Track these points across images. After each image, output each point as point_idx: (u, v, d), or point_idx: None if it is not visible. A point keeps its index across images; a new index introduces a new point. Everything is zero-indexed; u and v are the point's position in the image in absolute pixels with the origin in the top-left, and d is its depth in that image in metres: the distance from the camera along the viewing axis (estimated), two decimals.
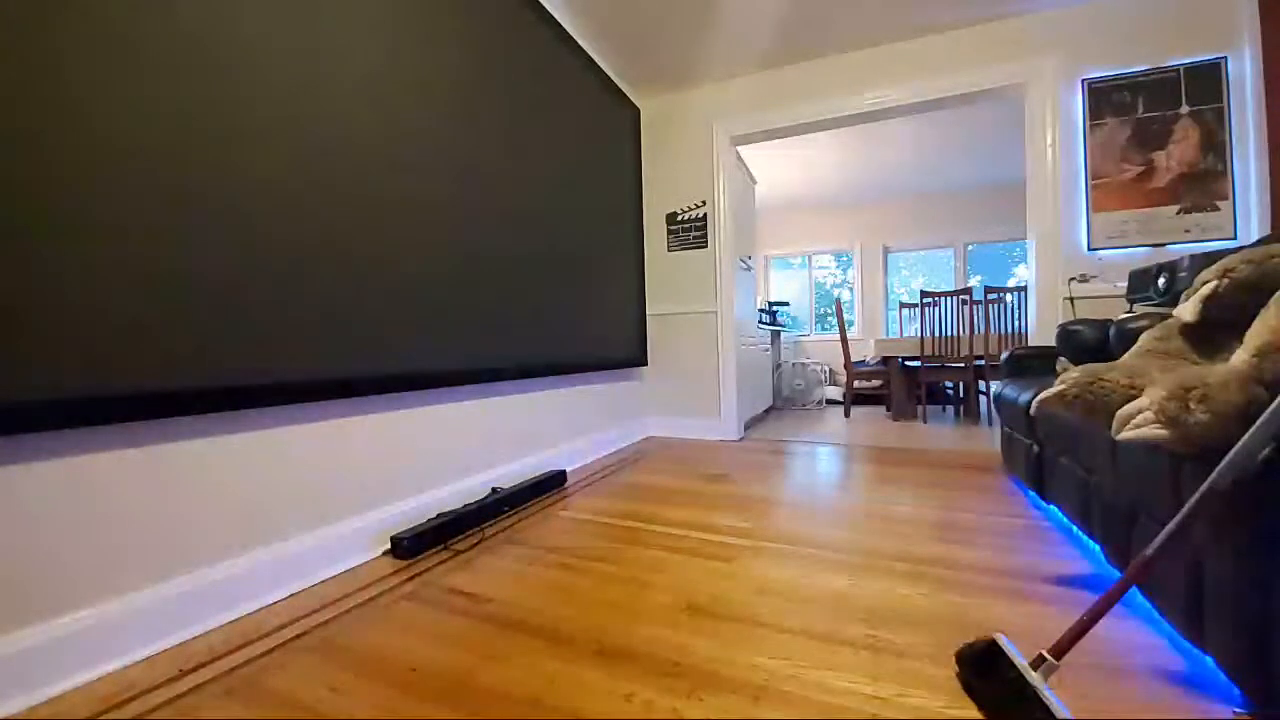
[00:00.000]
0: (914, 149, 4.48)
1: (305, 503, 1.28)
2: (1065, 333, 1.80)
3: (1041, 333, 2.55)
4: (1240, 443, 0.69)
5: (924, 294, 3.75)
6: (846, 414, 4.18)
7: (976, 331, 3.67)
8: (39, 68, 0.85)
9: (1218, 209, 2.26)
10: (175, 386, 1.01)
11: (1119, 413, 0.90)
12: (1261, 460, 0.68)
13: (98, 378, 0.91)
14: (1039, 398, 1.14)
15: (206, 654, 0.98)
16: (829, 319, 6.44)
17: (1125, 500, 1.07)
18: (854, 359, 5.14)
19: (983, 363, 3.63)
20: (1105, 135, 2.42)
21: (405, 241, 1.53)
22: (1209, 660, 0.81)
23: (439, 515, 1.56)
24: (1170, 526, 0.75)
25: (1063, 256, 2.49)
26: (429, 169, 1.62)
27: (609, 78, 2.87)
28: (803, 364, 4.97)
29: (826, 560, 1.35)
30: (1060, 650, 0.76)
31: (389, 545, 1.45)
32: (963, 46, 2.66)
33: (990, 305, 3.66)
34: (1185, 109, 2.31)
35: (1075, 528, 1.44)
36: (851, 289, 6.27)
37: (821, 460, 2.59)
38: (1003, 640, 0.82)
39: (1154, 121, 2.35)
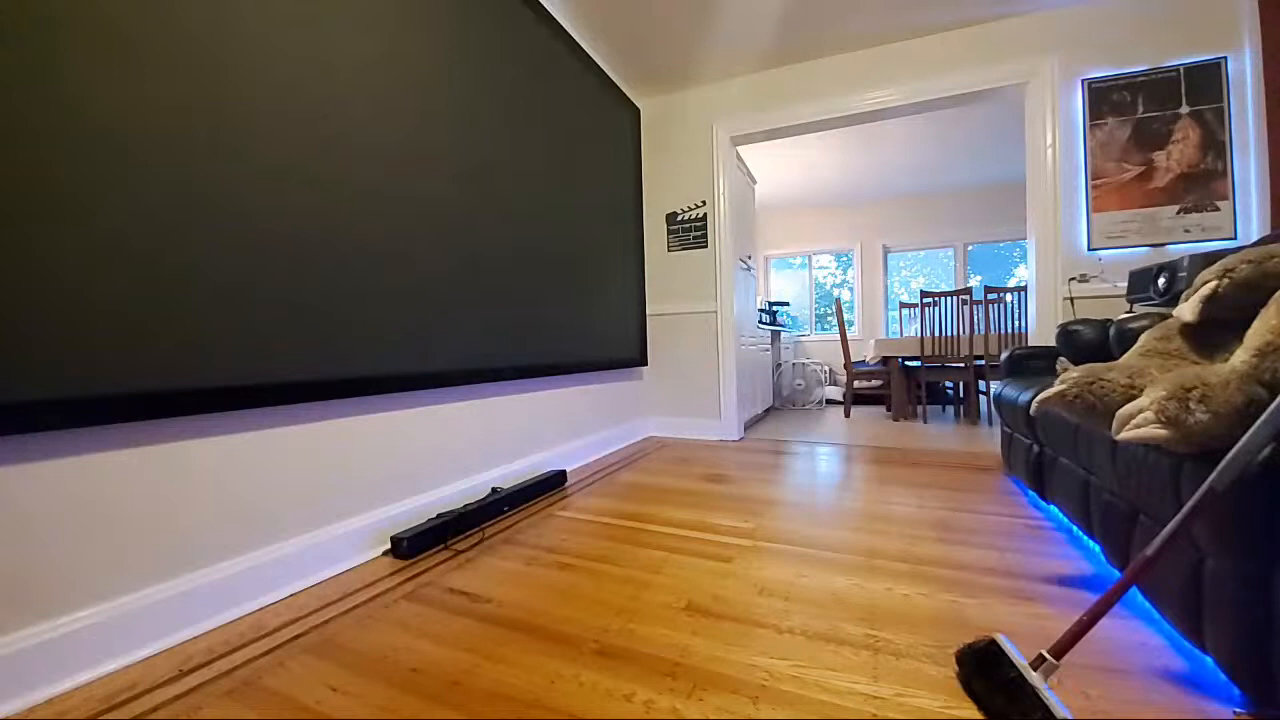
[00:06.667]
0: (914, 149, 4.48)
1: (305, 503, 1.28)
2: (1065, 333, 1.80)
3: (1041, 333, 2.55)
4: (1240, 443, 0.69)
5: (924, 294, 3.75)
6: (846, 414, 4.18)
7: (976, 331, 3.67)
8: (39, 67, 0.85)
9: (1218, 209, 2.26)
10: (175, 386, 1.01)
11: (1119, 412, 0.90)
12: (1261, 460, 0.68)
13: (98, 378, 0.91)
14: (1039, 398, 1.14)
15: (206, 654, 0.98)
16: (829, 319, 6.44)
17: (1125, 500, 1.07)
18: (854, 359, 5.14)
19: (983, 363, 3.63)
20: (1105, 135, 2.42)
21: (405, 241, 1.53)
22: (1209, 660, 0.82)
23: (439, 515, 1.56)
24: (1170, 526, 0.75)
25: (1063, 256, 2.49)
26: (427, 169, 1.62)
27: (609, 77, 2.87)
28: (803, 364, 4.96)
29: (826, 560, 1.35)
30: (1060, 650, 0.76)
31: (389, 545, 1.45)
32: (963, 46, 2.66)
33: (990, 305, 3.66)
34: (1185, 109, 2.31)
35: (1075, 528, 1.44)
36: (851, 289, 6.27)
37: (821, 460, 2.59)
38: (1003, 640, 0.82)
39: (1154, 121, 2.35)
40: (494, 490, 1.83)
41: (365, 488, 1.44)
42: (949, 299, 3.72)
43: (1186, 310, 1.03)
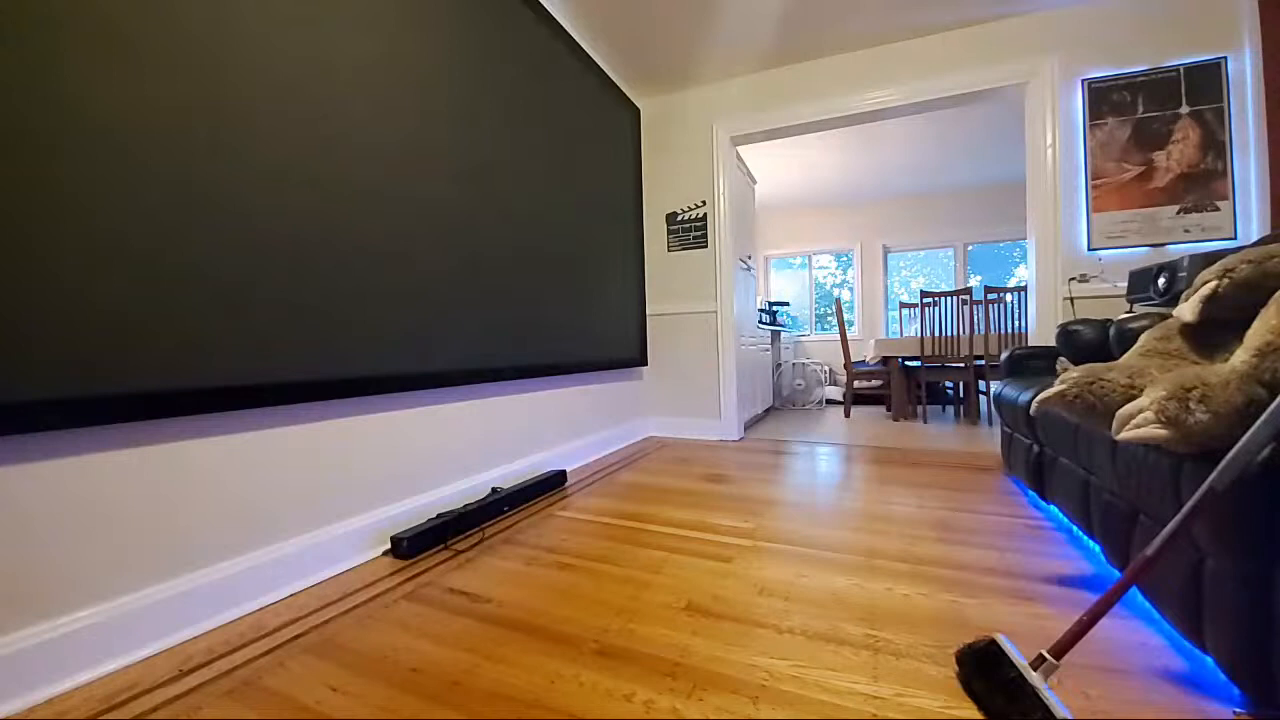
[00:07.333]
0: (914, 149, 4.48)
1: (305, 503, 1.28)
2: (1065, 333, 1.80)
3: (1041, 333, 2.55)
4: (1240, 443, 0.69)
5: (924, 294, 3.75)
6: (846, 414, 4.18)
7: (976, 331, 3.67)
8: (39, 67, 0.85)
9: (1218, 209, 2.26)
10: (175, 386, 1.01)
11: (1119, 412, 0.90)
12: (1261, 460, 0.68)
13: (98, 378, 0.91)
14: (1039, 397, 1.14)
15: (206, 654, 0.98)
16: (829, 319, 6.44)
17: (1125, 500, 1.07)
18: (854, 359, 5.14)
19: (983, 363, 3.63)
20: (1105, 135, 2.42)
21: (405, 241, 1.53)
22: (1209, 660, 0.82)
23: (439, 515, 1.56)
24: (1170, 526, 0.75)
25: (1063, 256, 2.49)
26: (427, 169, 1.62)
27: (609, 77, 2.87)
28: (803, 364, 4.96)
29: (826, 560, 1.35)
30: (1060, 650, 0.76)
31: (389, 545, 1.45)
32: (963, 46, 2.66)
33: (990, 305, 3.66)
34: (1185, 109, 2.31)
35: (1075, 528, 1.44)
36: (851, 289, 6.27)
37: (821, 460, 2.59)
38: (1003, 640, 0.82)
39: (1154, 121, 2.35)
40: (494, 490, 1.83)
41: (365, 488, 1.44)
42: (949, 299, 3.72)
43: (1186, 310, 1.03)
